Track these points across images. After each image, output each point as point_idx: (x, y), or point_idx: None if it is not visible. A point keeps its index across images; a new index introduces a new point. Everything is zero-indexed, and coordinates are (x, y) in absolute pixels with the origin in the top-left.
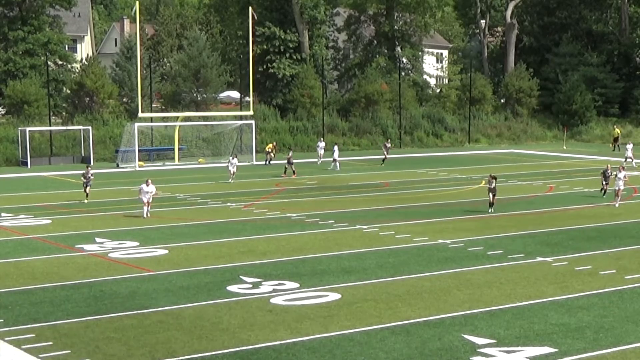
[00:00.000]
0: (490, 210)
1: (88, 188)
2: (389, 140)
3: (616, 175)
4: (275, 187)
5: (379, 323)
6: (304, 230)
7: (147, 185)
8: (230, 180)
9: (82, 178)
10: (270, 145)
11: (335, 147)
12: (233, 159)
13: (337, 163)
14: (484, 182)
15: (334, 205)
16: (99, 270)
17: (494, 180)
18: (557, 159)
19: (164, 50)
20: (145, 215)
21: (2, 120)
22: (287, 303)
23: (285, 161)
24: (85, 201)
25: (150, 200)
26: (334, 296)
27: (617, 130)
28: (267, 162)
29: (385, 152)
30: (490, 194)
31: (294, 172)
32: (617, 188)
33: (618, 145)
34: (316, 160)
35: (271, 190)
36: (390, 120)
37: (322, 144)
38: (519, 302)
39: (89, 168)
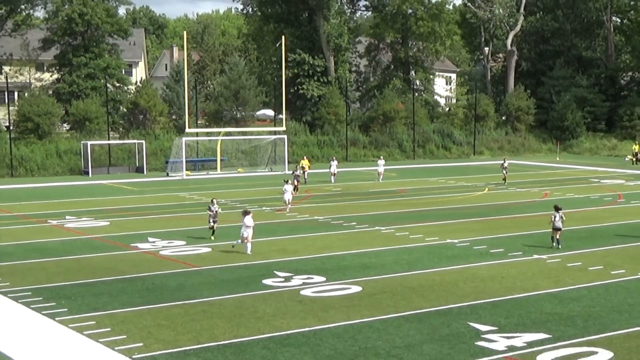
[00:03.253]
0: (554, 245)
1: (215, 224)
2: (505, 159)
3: None
4: (305, 193)
5: (395, 312)
6: (330, 231)
7: (247, 216)
8: (287, 209)
9: (209, 211)
10: (306, 161)
11: (332, 162)
12: (287, 185)
13: (335, 177)
14: (487, 189)
15: (356, 209)
16: (151, 265)
17: (557, 214)
18: (551, 169)
19: (207, 74)
20: (248, 252)
21: (66, 135)
22: (315, 294)
23: (293, 176)
24: (213, 237)
25: (251, 236)
26: (355, 289)
27: (638, 145)
28: (304, 181)
29: (504, 172)
30: (555, 230)
31: (296, 188)
32: None
33: (638, 160)
34: (376, 177)
35: (301, 197)
36: (405, 135)
37: (381, 162)
38: (517, 294)
39: (215, 200)
